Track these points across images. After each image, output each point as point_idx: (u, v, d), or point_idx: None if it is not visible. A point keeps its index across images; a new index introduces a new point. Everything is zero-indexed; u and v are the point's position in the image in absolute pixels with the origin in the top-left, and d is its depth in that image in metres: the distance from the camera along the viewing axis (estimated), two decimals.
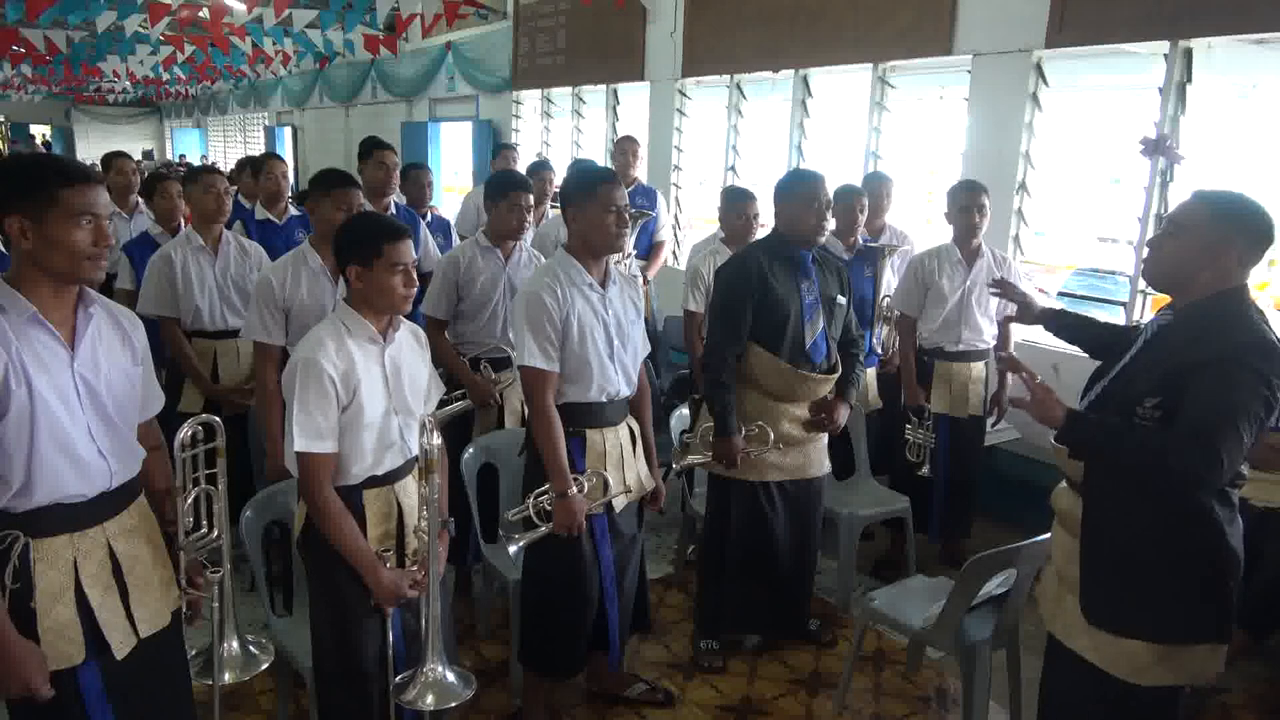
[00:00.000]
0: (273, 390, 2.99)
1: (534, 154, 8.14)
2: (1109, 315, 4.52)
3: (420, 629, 2.27)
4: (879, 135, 5.50)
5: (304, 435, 2.12)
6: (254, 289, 3.18)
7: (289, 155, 15.15)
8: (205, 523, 2.07)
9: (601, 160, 7.34)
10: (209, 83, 17.07)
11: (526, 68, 8.84)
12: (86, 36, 10.67)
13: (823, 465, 3.30)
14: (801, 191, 3.07)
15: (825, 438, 3.28)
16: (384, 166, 4.19)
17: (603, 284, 2.71)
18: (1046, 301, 4.48)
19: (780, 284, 3.07)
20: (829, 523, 3.60)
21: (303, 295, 3.05)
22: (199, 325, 3.61)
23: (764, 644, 3.39)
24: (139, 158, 14.46)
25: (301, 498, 2.25)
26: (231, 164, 12.22)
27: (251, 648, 2.26)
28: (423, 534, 2.23)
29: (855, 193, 4.06)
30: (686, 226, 7.19)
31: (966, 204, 3.82)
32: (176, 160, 19.06)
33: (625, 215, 2.66)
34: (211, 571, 2.08)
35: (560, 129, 8.76)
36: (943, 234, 4.05)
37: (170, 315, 3.57)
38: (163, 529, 2.01)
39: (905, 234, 4.58)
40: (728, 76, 6.49)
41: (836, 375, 3.19)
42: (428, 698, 2.17)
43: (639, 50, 7.19)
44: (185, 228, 3.76)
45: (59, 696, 1.76)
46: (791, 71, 5.99)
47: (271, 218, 4.60)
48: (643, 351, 2.88)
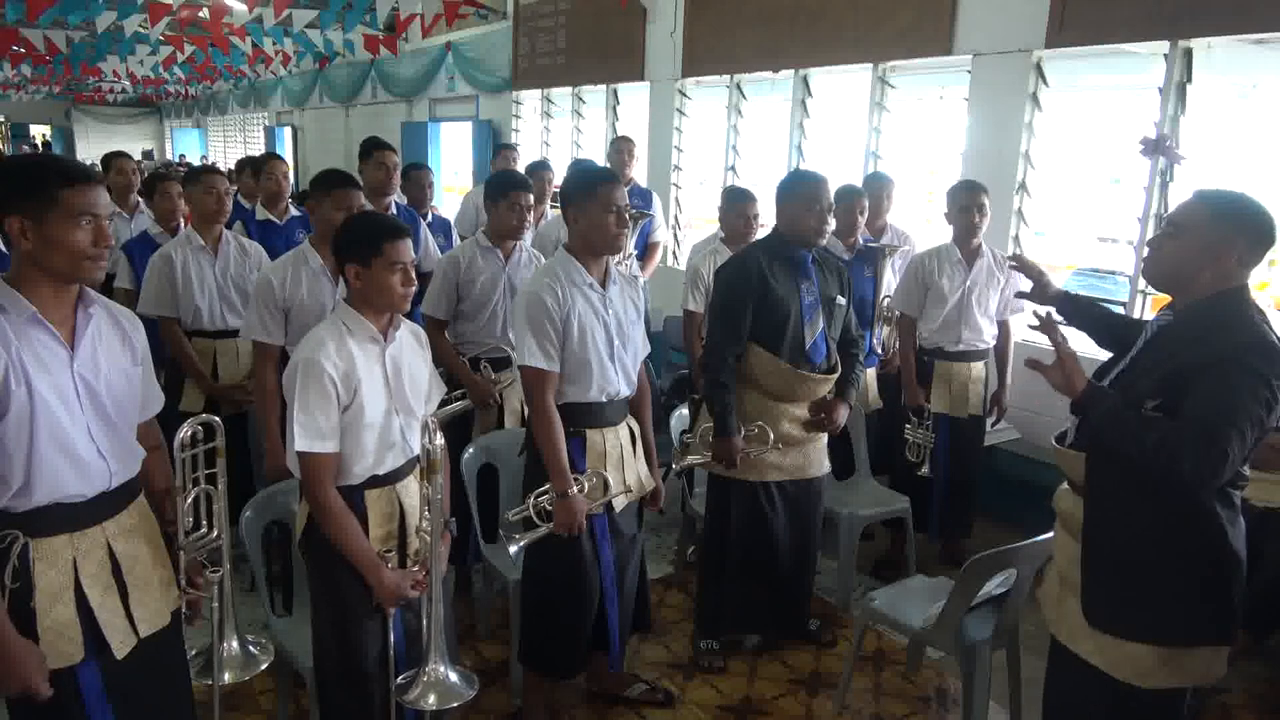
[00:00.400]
0: (272, 390, 3.00)
1: (535, 154, 8.14)
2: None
3: (422, 629, 2.27)
4: (879, 135, 5.50)
5: (305, 435, 2.12)
6: (253, 288, 3.19)
7: (289, 155, 15.16)
8: (205, 523, 2.07)
9: (601, 160, 7.34)
10: (209, 83, 17.09)
11: (526, 68, 8.84)
12: (86, 36, 10.67)
13: (822, 465, 3.30)
14: (803, 192, 3.07)
15: (825, 438, 3.28)
16: (384, 167, 4.19)
17: (603, 284, 2.71)
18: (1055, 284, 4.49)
19: (780, 284, 3.07)
20: (829, 523, 3.60)
21: (302, 295, 3.05)
22: (199, 325, 3.61)
23: (764, 644, 3.39)
24: (139, 158, 14.46)
25: (303, 498, 2.25)
26: (231, 164, 12.22)
27: (251, 648, 2.26)
28: (425, 534, 2.23)
29: (856, 193, 4.05)
30: (686, 227, 7.20)
31: (966, 204, 3.82)
32: (176, 160, 19.06)
33: (625, 215, 2.66)
34: (211, 571, 2.08)
35: (560, 129, 8.76)
36: (943, 234, 4.05)
37: (170, 315, 3.57)
38: (163, 529, 2.01)
39: (907, 234, 4.58)
40: (728, 76, 6.49)
41: (836, 375, 3.19)
42: (430, 697, 2.17)
43: (639, 50, 7.20)
44: (185, 228, 3.77)
45: (59, 696, 1.76)
46: (791, 71, 5.99)
47: (272, 218, 4.60)
48: (643, 352, 2.88)
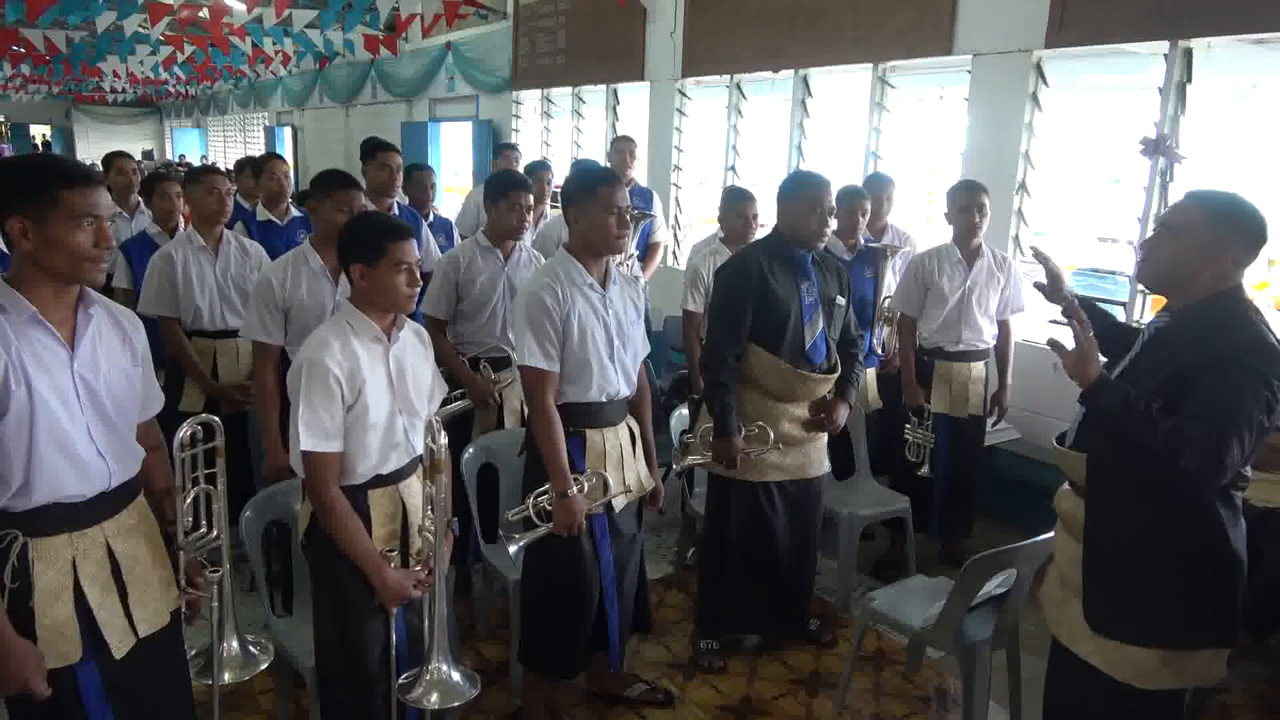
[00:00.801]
0: (271, 390, 3.00)
1: (534, 154, 8.14)
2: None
3: (424, 629, 2.27)
4: (879, 135, 5.50)
5: (310, 435, 2.13)
6: (253, 288, 3.19)
7: (289, 155, 15.15)
8: (205, 523, 2.07)
9: (602, 161, 7.34)
10: (209, 83, 17.07)
11: (526, 68, 8.84)
12: (86, 36, 10.67)
13: (822, 465, 3.30)
14: (805, 194, 3.07)
15: (825, 438, 3.28)
16: (387, 168, 4.19)
17: (603, 284, 2.71)
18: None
19: (780, 284, 3.07)
20: (829, 523, 3.60)
21: (302, 295, 3.05)
22: (199, 325, 3.61)
23: (764, 644, 3.39)
24: (139, 158, 14.46)
25: (307, 497, 2.25)
26: (231, 164, 12.22)
27: (251, 648, 2.26)
28: (428, 534, 2.23)
29: (857, 194, 4.05)
30: (686, 227, 7.20)
31: (966, 204, 3.82)
32: (176, 160, 19.06)
33: (626, 216, 2.66)
34: (211, 571, 2.08)
35: (560, 129, 8.76)
36: (942, 234, 4.05)
37: (170, 315, 3.57)
38: (162, 529, 2.01)
39: (908, 235, 4.58)
40: (728, 76, 6.48)
41: (836, 375, 3.19)
42: (432, 696, 2.17)
43: (639, 50, 7.19)
44: (186, 228, 3.76)
45: (59, 696, 1.76)
46: (791, 71, 5.99)
47: (273, 218, 4.59)
48: (643, 352, 2.88)
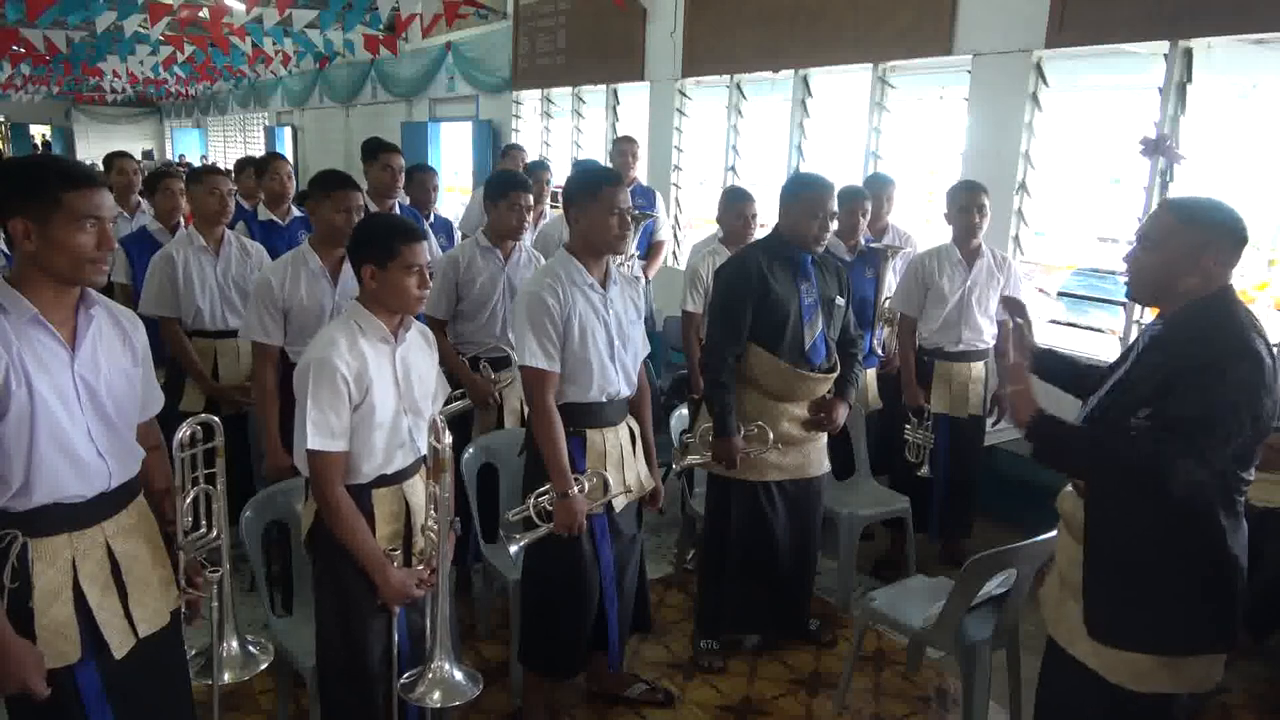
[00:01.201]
0: (270, 390, 3.00)
1: (534, 155, 8.15)
2: (1108, 315, 4.52)
3: (425, 629, 2.27)
4: (879, 135, 5.49)
5: (317, 434, 2.13)
6: (252, 289, 3.19)
7: (289, 155, 15.14)
8: (205, 523, 2.07)
9: (601, 161, 7.34)
10: (209, 83, 17.07)
11: (526, 68, 8.84)
12: (86, 36, 10.66)
13: (822, 465, 3.30)
14: (808, 197, 3.06)
15: (824, 437, 3.28)
16: (389, 169, 4.19)
17: (604, 284, 2.71)
18: (1056, 284, 4.50)
19: (780, 284, 3.07)
20: (829, 523, 3.60)
21: (302, 296, 3.05)
22: (199, 325, 3.61)
23: (764, 644, 3.39)
24: (139, 158, 14.46)
25: (310, 497, 2.25)
26: (231, 164, 12.22)
27: (251, 648, 2.26)
28: (431, 533, 2.24)
29: (858, 195, 4.05)
30: (686, 227, 7.20)
31: (966, 204, 3.82)
32: (176, 160, 19.06)
33: (628, 217, 2.66)
34: (211, 571, 2.08)
35: (560, 129, 8.76)
36: (943, 234, 4.05)
37: (171, 315, 3.57)
38: (162, 529, 2.01)
39: (908, 235, 4.58)
40: (728, 76, 6.48)
41: (835, 375, 3.19)
42: (434, 694, 2.18)
43: (639, 50, 7.19)
44: (187, 228, 3.76)
45: (58, 696, 1.76)
46: (791, 71, 5.99)
47: (275, 218, 4.58)
48: (643, 352, 2.88)
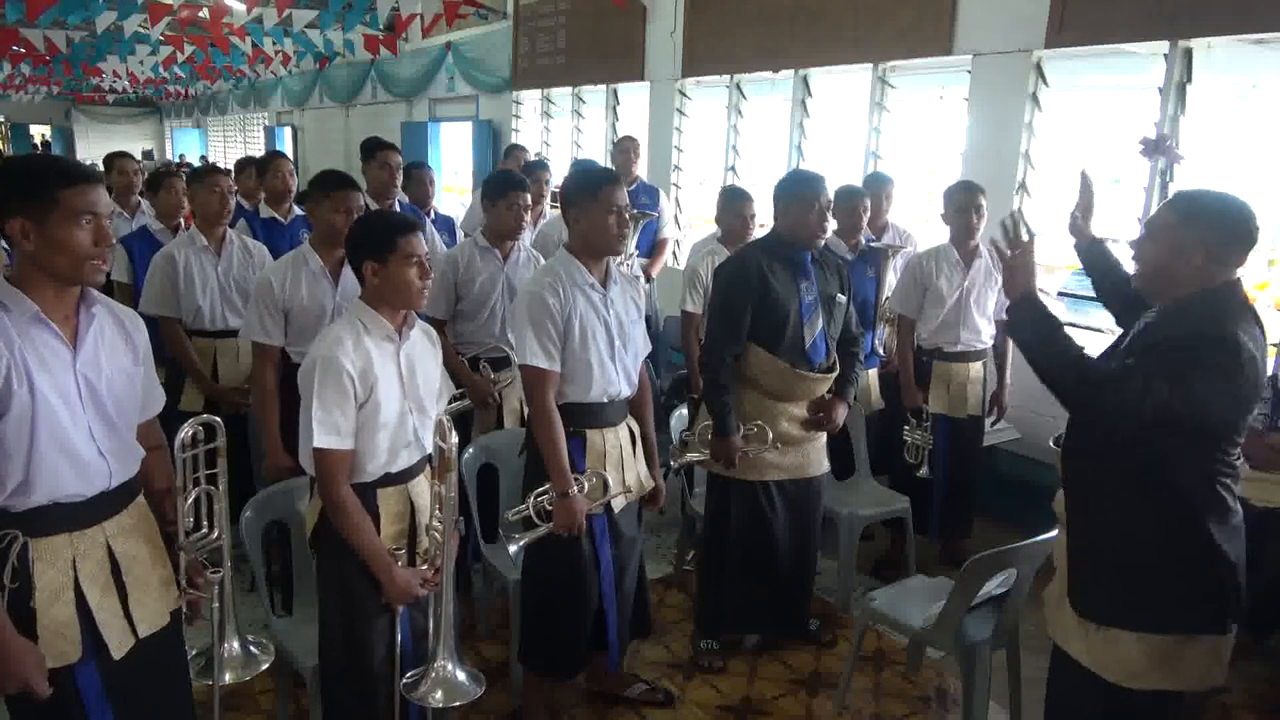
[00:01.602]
0: (271, 391, 3.00)
1: (534, 154, 8.15)
2: (1109, 316, 4.51)
3: (429, 628, 2.28)
4: (879, 135, 5.50)
5: (323, 432, 2.13)
6: (253, 289, 3.19)
7: (289, 155, 15.13)
8: (205, 523, 2.07)
9: (602, 160, 7.34)
10: (209, 83, 17.06)
11: (526, 68, 8.84)
12: (86, 36, 10.66)
13: (822, 465, 3.30)
14: (803, 193, 3.07)
15: (824, 437, 3.28)
16: (387, 167, 4.19)
17: (604, 283, 2.71)
18: (1055, 284, 4.51)
19: (780, 284, 3.07)
20: (829, 523, 3.60)
21: (302, 296, 3.05)
22: (199, 325, 3.61)
23: (764, 644, 3.39)
24: (139, 158, 14.46)
25: (314, 496, 2.25)
26: (231, 164, 12.21)
27: (252, 648, 2.26)
28: (435, 533, 2.24)
29: (858, 194, 4.05)
30: (686, 227, 7.20)
31: (964, 205, 3.82)
32: (176, 160, 19.06)
33: (626, 216, 2.66)
34: (211, 572, 2.08)
35: (560, 129, 8.76)
36: (943, 234, 4.05)
37: (171, 315, 3.57)
38: (163, 529, 2.01)
39: (908, 233, 4.58)
40: (728, 76, 6.48)
41: (835, 374, 3.19)
42: (437, 694, 2.18)
43: (639, 50, 7.19)
44: (189, 228, 3.76)
45: (59, 696, 1.76)
46: (791, 71, 5.99)
47: (277, 216, 4.59)
48: (644, 351, 2.88)
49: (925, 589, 2.99)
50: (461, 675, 2.22)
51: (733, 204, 4.10)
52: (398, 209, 4.28)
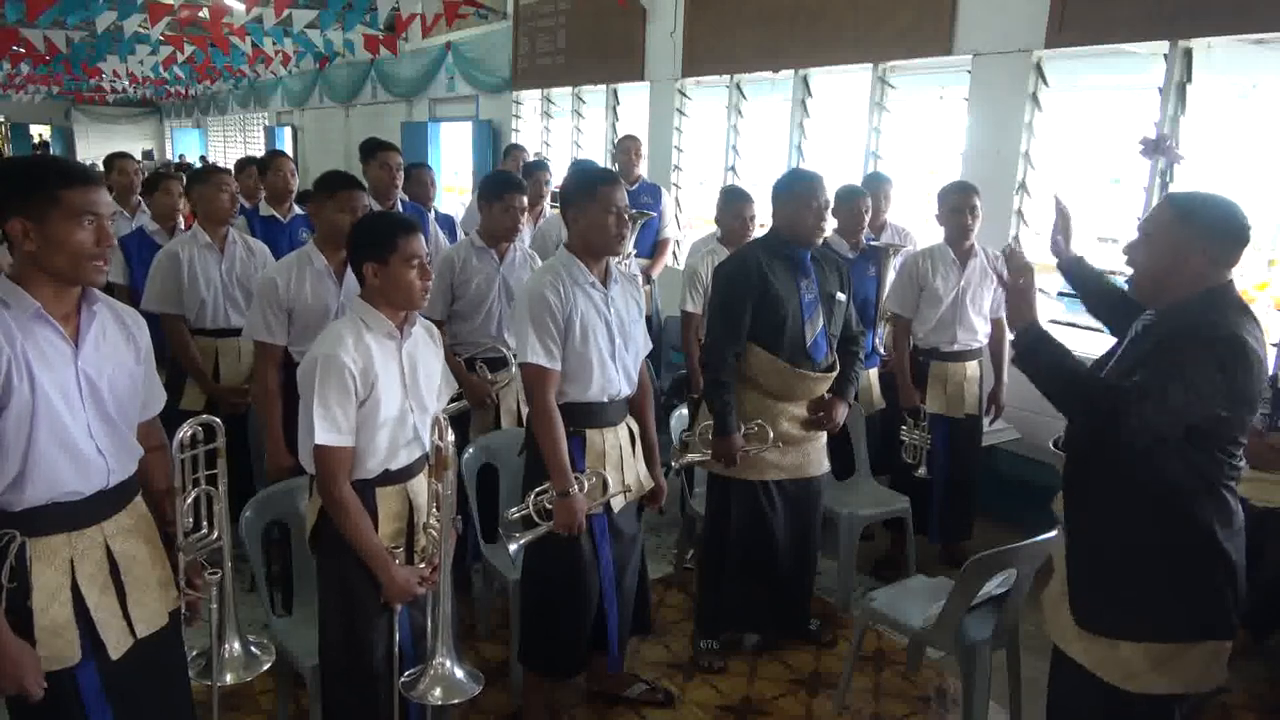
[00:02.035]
0: (273, 390, 3.00)
1: (534, 154, 8.15)
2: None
3: (427, 627, 2.27)
4: (879, 135, 5.50)
5: (324, 429, 2.13)
6: (257, 288, 3.19)
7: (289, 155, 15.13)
8: (205, 523, 2.07)
9: (602, 160, 7.34)
10: (209, 83, 17.07)
11: (526, 68, 8.84)
12: (86, 36, 10.66)
13: (822, 464, 3.30)
14: (800, 192, 3.07)
15: (824, 437, 3.28)
16: (388, 167, 4.19)
17: (604, 282, 2.71)
18: (1053, 290, 4.52)
19: (780, 282, 3.07)
20: (829, 523, 3.60)
21: (306, 296, 3.05)
22: (201, 324, 3.62)
23: (764, 644, 3.39)
24: (139, 158, 14.45)
25: (314, 495, 2.26)
26: (231, 164, 12.21)
27: (253, 648, 2.26)
28: (433, 531, 2.24)
29: (859, 193, 4.05)
30: (686, 226, 7.20)
31: (958, 205, 3.81)
32: (176, 160, 19.06)
33: (625, 217, 2.66)
34: (210, 573, 2.08)
35: (560, 129, 8.76)
36: (942, 234, 4.04)
37: (175, 312, 3.58)
38: (162, 529, 2.01)
39: (908, 231, 4.59)
40: (728, 76, 6.48)
41: (835, 374, 3.19)
42: (436, 691, 2.18)
43: (639, 50, 7.19)
44: (193, 226, 3.76)
45: (58, 696, 1.76)
46: (791, 71, 5.99)
47: (277, 215, 4.59)
48: (644, 350, 2.88)
49: (925, 589, 2.99)
50: (460, 673, 2.22)
51: (733, 204, 4.10)
52: (400, 209, 4.28)
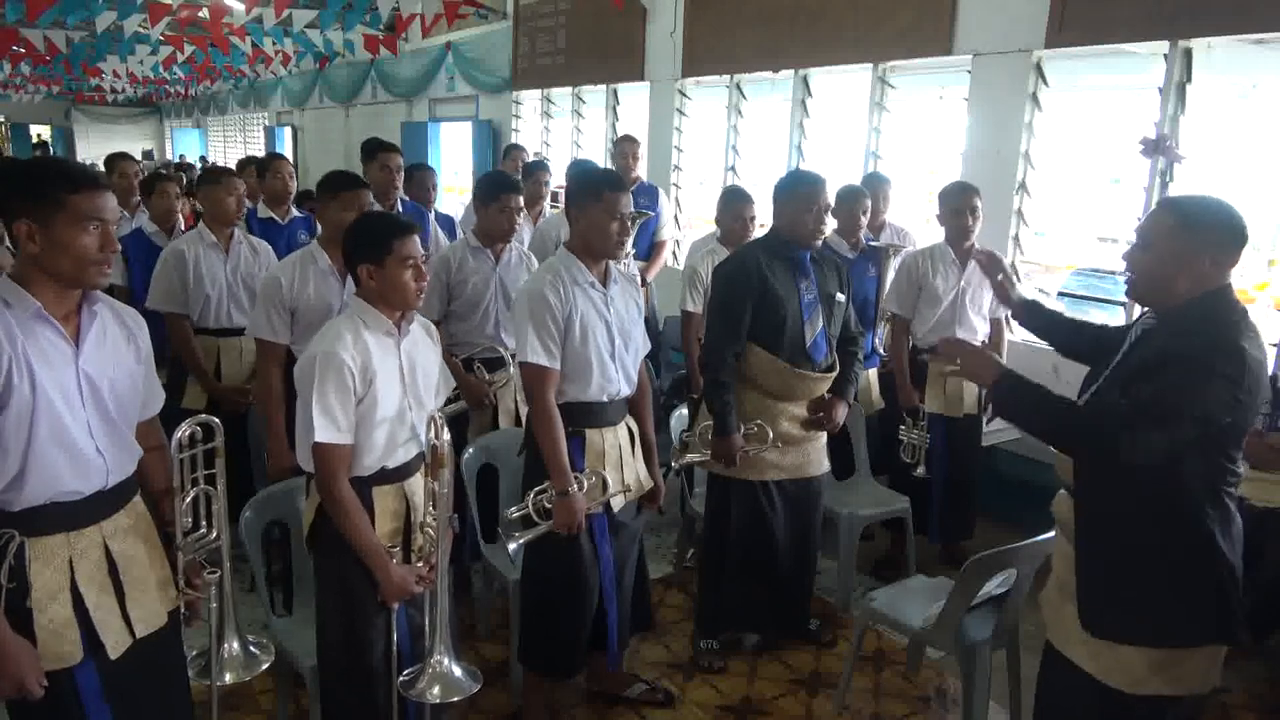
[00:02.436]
0: (276, 390, 3.00)
1: (534, 154, 8.15)
2: (1108, 315, 4.52)
3: (424, 626, 2.27)
4: (879, 135, 5.50)
5: (323, 427, 2.13)
6: (260, 287, 3.19)
7: (289, 155, 15.14)
8: (204, 523, 2.07)
9: (601, 161, 7.33)
10: (209, 83, 17.07)
11: (526, 68, 8.84)
12: (86, 36, 10.66)
13: (822, 464, 3.30)
14: (801, 193, 3.07)
15: (824, 437, 3.28)
16: (387, 168, 4.19)
17: (604, 282, 2.71)
18: (1056, 285, 4.53)
19: (779, 282, 3.07)
20: (829, 523, 3.60)
21: (310, 295, 3.05)
22: (204, 323, 3.62)
23: (764, 644, 3.39)
24: (139, 158, 14.46)
25: (313, 493, 2.26)
26: (231, 164, 12.20)
27: (252, 648, 2.26)
28: (430, 530, 2.24)
29: (859, 193, 4.06)
30: (686, 227, 7.20)
31: (959, 206, 3.81)
32: (175, 161, 19.06)
33: (628, 223, 2.67)
34: (209, 572, 2.08)
35: (560, 129, 8.76)
36: (942, 234, 4.04)
37: (179, 311, 3.58)
38: (162, 529, 2.01)
39: (906, 231, 4.58)
40: (728, 76, 6.48)
41: (835, 374, 3.19)
42: (434, 690, 2.18)
43: (639, 50, 7.19)
44: (199, 225, 3.77)
45: (58, 696, 1.76)
46: (791, 71, 5.99)
47: (275, 217, 4.60)
48: (644, 350, 2.88)
49: (925, 589, 2.99)
50: (458, 671, 2.22)
51: (733, 205, 4.10)
52: (400, 208, 4.28)
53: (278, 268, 3.17)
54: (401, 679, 2.25)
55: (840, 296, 3.22)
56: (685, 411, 3.73)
